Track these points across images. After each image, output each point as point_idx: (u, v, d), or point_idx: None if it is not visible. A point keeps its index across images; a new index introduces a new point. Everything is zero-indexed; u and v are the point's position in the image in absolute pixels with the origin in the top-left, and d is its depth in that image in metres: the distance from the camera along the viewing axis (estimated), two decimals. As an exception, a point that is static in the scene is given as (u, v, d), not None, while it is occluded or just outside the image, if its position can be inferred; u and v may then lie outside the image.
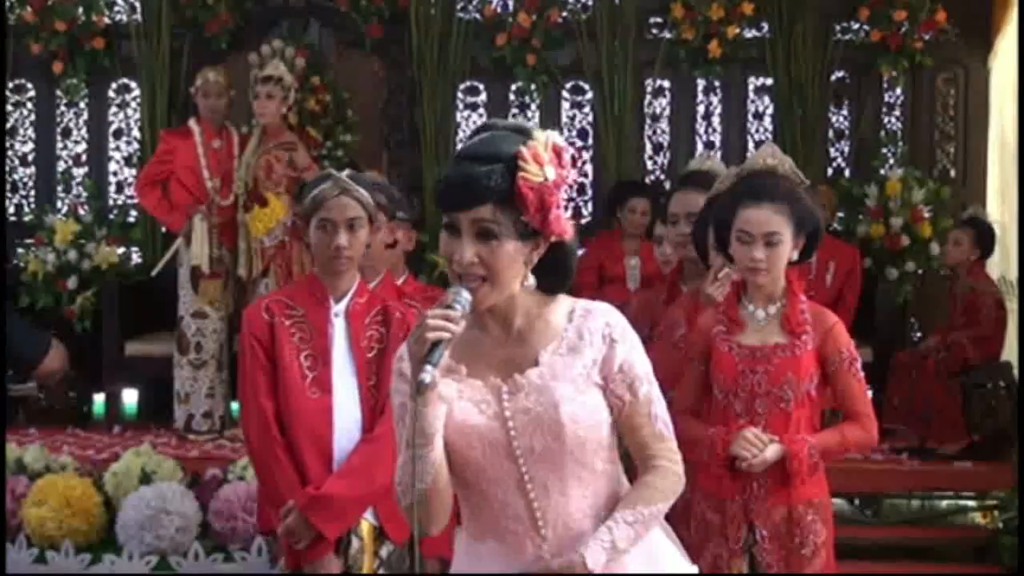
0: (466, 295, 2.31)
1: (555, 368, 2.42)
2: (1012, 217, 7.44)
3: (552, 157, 2.34)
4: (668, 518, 2.59)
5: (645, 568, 2.48)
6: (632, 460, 2.57)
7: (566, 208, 2.41)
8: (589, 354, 2.44)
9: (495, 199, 2.29)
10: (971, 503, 6.73)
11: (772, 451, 3.55)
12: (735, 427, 3.61)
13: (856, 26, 8.23)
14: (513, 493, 2.41)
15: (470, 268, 2.31)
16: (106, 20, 8.28)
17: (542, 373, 2.42)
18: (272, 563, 3.90)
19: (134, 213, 8.33)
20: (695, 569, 2.63)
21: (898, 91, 8.36)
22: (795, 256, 3.65)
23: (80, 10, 8.18)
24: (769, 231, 3.57)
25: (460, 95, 8.46)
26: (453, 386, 2.37)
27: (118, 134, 8.59)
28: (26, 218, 8.43)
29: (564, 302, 2.49)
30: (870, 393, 3.82)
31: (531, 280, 2.41)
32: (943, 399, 6.75)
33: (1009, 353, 7.00)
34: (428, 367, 2.23)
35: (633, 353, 2.47)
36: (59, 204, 8.45)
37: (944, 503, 6.84)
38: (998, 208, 7.91)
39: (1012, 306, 6.92)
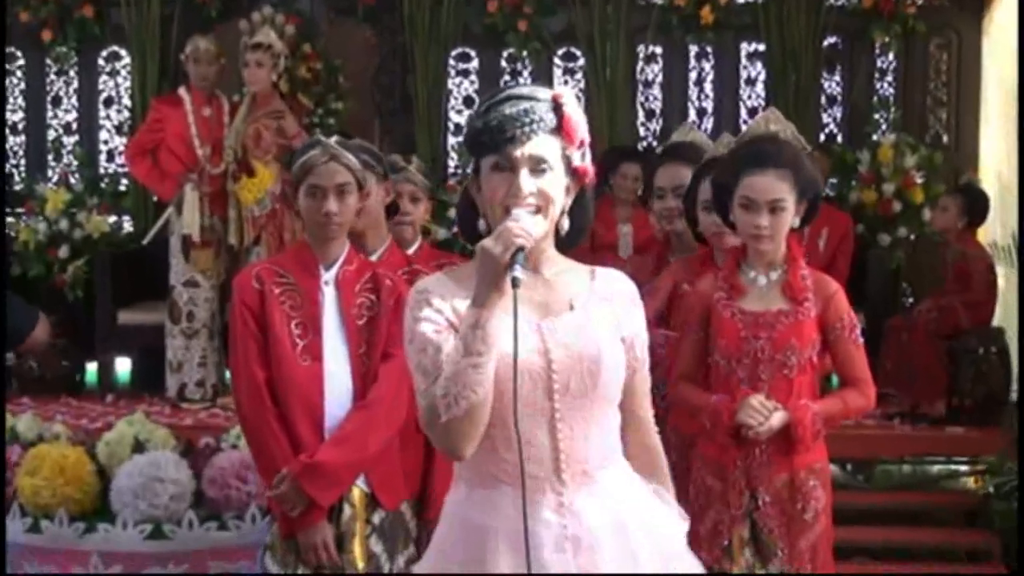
0: (530, 216, 2.40)
1: (591, 313, 2.51)
2: (1009, 181, 7.45)
3: (578, 105, 2.51)
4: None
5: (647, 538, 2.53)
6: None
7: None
8: (618, 310, 2.54)
9: (546, 132, 2.43)
10: (962, 468, 6.76)
11: (778, 418, 3.56)
12: (739, 394, 3.61)
13: (849, -9, 8.22)
14: (542, 431, 2.45)
15: (529, 199, 2.41)
16: (95, -13, 8.24)
17: (578, 316, 2.50)
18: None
19: (125, 182, 8.30)
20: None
21: (891, 56, 8.34)
22: (796, 223, 3.65)
23: (69, -22, 8.14)
24: (774, 198, 3.57)
25: (452, 62, 8.43)
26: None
27: (108, 102, 8.55)
28: (17, 187, 8.39)
29: (581, 265, 2.59)
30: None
31: (566, 222, 2.51)
32: (929, 359, 6.78)
33: (1007, 319, 7.00)
34: (517, 266, 2.32)
35: (644, 323, 2.60)
36: (50, 173, 8.43)
37: (935, 468, 6.87)
38: (991, 174, 7.91)
39: (1011, 271, 6.91)
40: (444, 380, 2.36)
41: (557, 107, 2.44)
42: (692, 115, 8.42)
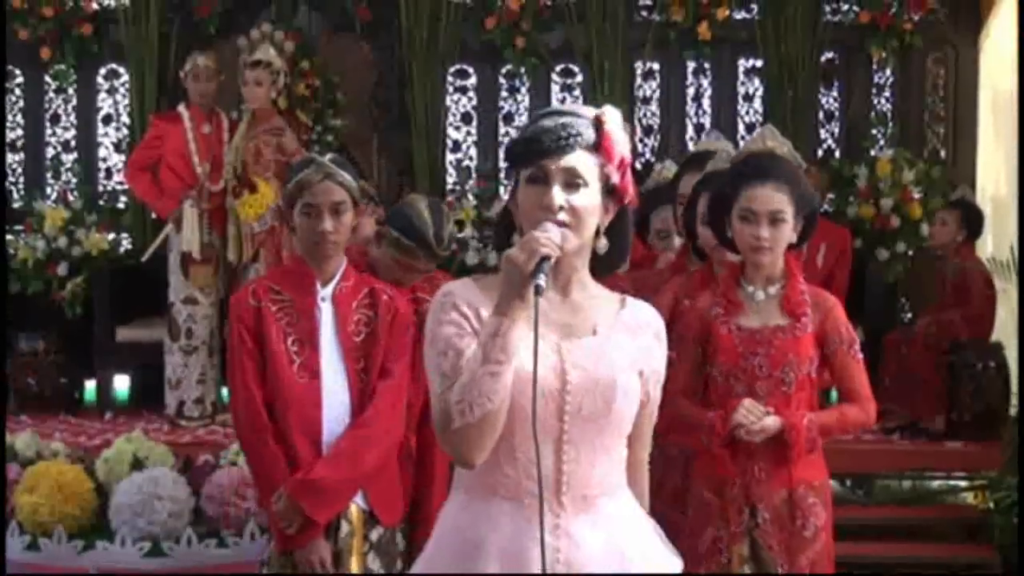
0: (557, 229, 2.38)
1: (613, 340, 2.49)
2: (1006, 196, 7.45)
3: (623, 125, 2.50)
4: (660, 503, 2.62)
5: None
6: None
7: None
8: (642, 342, 2.52)
9: (584, 147, 2.43)
10: (962, 483, 6.75)
11: (772, 420, 3.56)
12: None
13: (845, 7, 8.25)
14: (548, 451, 2.42)
15: (560, 213, 2.40)
16: (94, 5, 8.25)
17: (601, 342, 2.48)
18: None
19: (124, 199, 8.31)
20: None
21: (888, 72, 8.37)
22: (793, 239, 3.65)
23: (68, -5, 8.16)
24: (774, 209, 3.58)
25: (450, 78, 8.45)
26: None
27: (107, 120, 8.56)
28: (15, 205, 8.39)
29: (613, 293, 2.58)
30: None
31: (603, 241, 2.49)
32: (928, 374, 6.78)
33: (1007, 335, 6.99)
34: (541, 274, 2.31)
35: (664, 356, 2.58)
36: (48, 191, 8.43)
37: (935, 483, 6.85)
38: (989, 188, 7.92)
39: (1009, 286, 6.91)
40: (460, 386, 2.34)
41: (598, 124, 2.44)
42: (690, 131, 8.45)
